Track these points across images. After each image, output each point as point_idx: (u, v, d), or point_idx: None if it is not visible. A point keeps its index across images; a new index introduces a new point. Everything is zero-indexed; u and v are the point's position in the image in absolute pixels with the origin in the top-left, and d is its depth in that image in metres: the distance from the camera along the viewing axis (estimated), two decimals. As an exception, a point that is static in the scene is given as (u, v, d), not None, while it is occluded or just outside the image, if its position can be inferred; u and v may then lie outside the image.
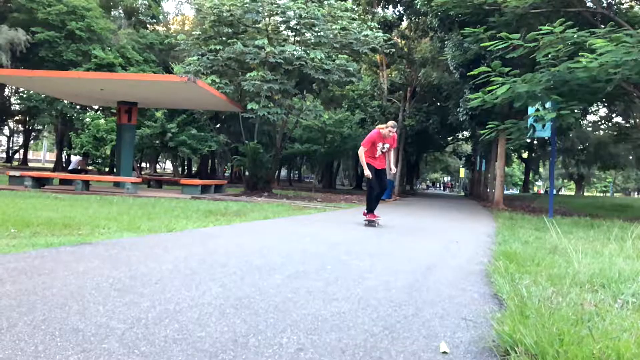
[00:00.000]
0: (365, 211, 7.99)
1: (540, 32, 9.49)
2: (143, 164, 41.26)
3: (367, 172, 7.58)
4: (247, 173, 18.31)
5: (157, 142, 25.26)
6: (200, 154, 28.53)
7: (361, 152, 7.73)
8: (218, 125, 26.98)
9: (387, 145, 7.74)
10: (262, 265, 3.77)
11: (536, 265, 4.12)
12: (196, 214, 7.95)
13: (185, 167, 44.87)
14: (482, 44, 10.63)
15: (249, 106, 15.60)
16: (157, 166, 51.38)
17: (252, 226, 6.87)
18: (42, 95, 27.00)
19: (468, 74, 13.50)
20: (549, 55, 10.07)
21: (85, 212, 7.00)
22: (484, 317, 2.62)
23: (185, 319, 2.29)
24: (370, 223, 7.77)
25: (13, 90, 35.51)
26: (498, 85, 9.95)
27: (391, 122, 7.83)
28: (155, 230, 5.58)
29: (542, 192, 68.07)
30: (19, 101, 35.91)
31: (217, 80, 16.26)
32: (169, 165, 61.93)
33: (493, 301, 3.01)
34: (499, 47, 9.50)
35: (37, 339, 1.93)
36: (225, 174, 41.62)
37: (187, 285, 2.95)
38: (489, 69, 9.81)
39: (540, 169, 58.17)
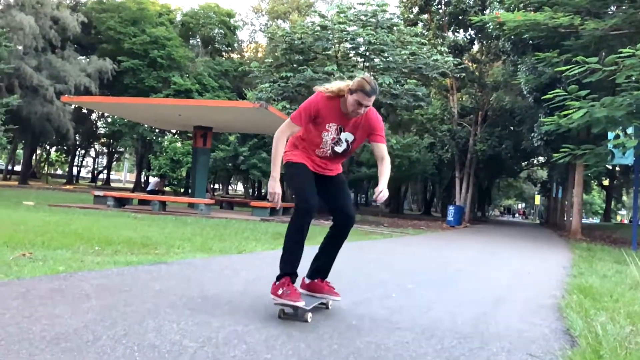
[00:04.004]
0: (277, 279, 3.07)
1: (621, 55, 9.09)
2: (216, 186, 42.72)
3: (275, 189, 3.13)
4: (314, 196, 18.52)
5: (230, 165, 26.16)
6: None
7: (279, 133, 3.16)
8: (287, 149, 27.57)
9: (349, 137, 3.20)
10: (327, 290, 3.82)
11: (614, 302, 3.91)
12: (265, 236, 8.15)
13: (256, 189, 46.00)
14: (557, 69, 10.32)
15: (317, 131, 15.88)
16: (229, 188, 53.02)
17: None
18: (125, 120, 28.76)
19: (542, 97, 13.09)
20: (632, 78, 9.60)
21: (162, 232, 7.37)
22: (553, 355, 2.53)
23: (253, 340, 2.38)
24: (294, 311, 2.95)
25: (99, 115, 38.08)
26: (574, 110, 9.59)
27: (360, 82, 3.04)
28: (226, 252, 5.79)
29: (625, 221, 63.87)
30: (104, 125, 38.46)
31: (288, 106, 16.71)
32: (240, 187, 63.73)
33: (564, 338, 2.90)
34: (576, 71, 9.18)
35: (118, 352, 2.08)
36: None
37: (255, 308, 3.05)
38: (565, 93, 9.49)
39: (624, 197, 54.74)
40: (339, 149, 3.20)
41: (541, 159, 32.99)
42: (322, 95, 3.16)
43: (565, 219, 26.57)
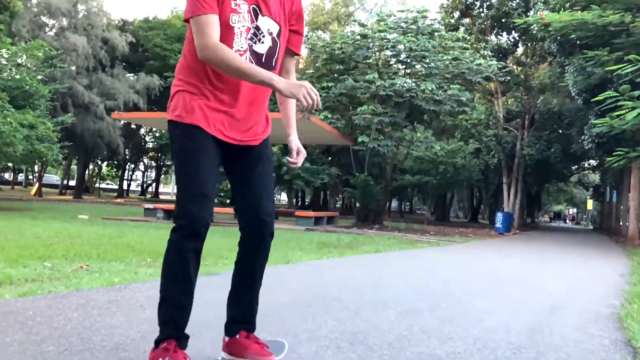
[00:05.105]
0: (156, 343, 1.96)
1: (677, 52, 8.71)
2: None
3: (298, 85, 1.82)
4: (357, 205, 18.48)
5: (273, 175, 26.42)
6: (313, 187, 29.35)
7: (208, 45, 1.79)
8: (330, 158, 27.67)
9: (272, 26, 1.96)
10: (375, 300, 3.80)
11: (679, 311, 3.72)
12: (310, 246, 8.19)
13: (299, 199, 46.30)
14: (607, 68, 9.98)
15: (359, 139, 15.88)
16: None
17: (364, 259, 6.93)
18: (172, 134, 29.48)
19: (592, 99, 12.65)
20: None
21: (210, 243, 7.50)
22: (615, 367, 2.43)
23: (304, 351, 2.39)
24: None
25: (147, 130, 39.28)
26: (627, 110, 9.24)
27: None
28: (273, 262, 5.83)
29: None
30: (152, 140, 39.64)
31: (329, 116, 16.79)
32: (283, 197, 64.33)
33: (626, 349, 2.78)
34: (628, 70, 8.85)
35: (174, 362, 2.12)
36: (337, 206, 42.29)
37: (304, 318, 3.07)
38: (617, 94, 9.16)
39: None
40: (261, 49, 1.92)
41: (592, 162, 31.84)
42: None
43: (620, 224, 25.50)
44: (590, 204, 49.60)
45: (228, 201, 27.55)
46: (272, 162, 2.18)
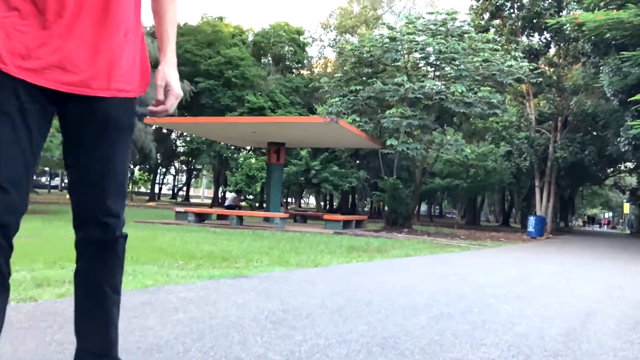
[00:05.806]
0: None
1: None
2: (288, 199, 43.47)
3: None
4: (386, 208, 18.39)
5: (302, 179, 26.57)
6: (341, 190, 29.34)
7: None
8: (358, 162, 27.65)
9: None
10: (405, 304, 3.78)
11: None
12: (339, 250, 8.19)
13: (327, 202, 46.32)
14: (644, 68, 9.70)
15: (388, 142, 15.82)
16: (302, 201, 53.75)
17: (394, 263, 6.89)
18: (203, 138, 29.96)
19: (629, 99, 12.32)
20: None
21: (240, 246, 7.60)
22: (656, 376, 2.36)
23: (335, 354, 2.40)
24: None
25: (179, 135, 39.95)
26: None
27: None
28: (303, 265, 5.87)
29: None
30: (183, 144, 40.29)
31: (358, 119, 16.77)
32: (311, 200, 64.44)
33: (667, 358, 2.69)
34: (667, 70, 8.58)
35: (207, 364, 2.16)
36: (365, 209, 42.17)
37: (334, 321, 3.07)
38: (655, 94, 8.90)
39: None
40: None
41: (629, 164, 30.95)
42: None
43: (659, 228, 24.71)
44: (627, 208, 48.22)
45: (257, 204, 27.80)
46: (129, 137, 1.49)
